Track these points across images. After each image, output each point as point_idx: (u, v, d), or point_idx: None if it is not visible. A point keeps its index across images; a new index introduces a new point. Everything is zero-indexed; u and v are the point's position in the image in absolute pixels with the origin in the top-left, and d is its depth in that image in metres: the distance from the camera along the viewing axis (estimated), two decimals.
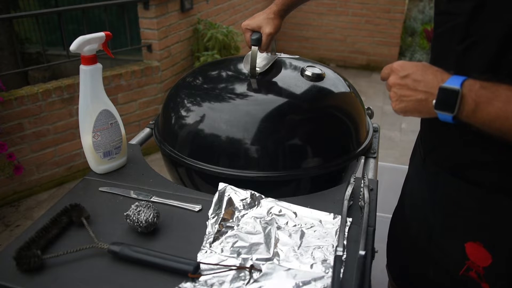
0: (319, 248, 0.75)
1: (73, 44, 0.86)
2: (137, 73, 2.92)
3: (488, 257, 0.77)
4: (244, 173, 1.03)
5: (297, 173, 1.01)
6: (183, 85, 1.10)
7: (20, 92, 2.45)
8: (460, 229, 0.81)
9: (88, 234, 0.76)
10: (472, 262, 0.79)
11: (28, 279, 0.69)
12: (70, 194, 0.90)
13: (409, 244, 0.95)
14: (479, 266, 0.79)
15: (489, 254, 0.77)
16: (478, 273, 0.79)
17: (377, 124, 1.24)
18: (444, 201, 0.83)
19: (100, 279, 0.69)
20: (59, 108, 2.61)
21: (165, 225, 0.81)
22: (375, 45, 4.75)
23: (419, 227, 0.91)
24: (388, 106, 3.97)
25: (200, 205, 0.86)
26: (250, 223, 0.81)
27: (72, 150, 2.78)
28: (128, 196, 0.89)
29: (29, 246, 0.72)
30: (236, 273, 0.70)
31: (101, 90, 0.93)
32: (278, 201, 0.86)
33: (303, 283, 0.68)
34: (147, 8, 2.90)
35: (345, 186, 0.89)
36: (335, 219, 0.82)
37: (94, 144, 0.94)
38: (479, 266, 0.79)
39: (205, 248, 0.75)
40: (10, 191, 2.58)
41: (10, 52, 4.19)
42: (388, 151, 3.08)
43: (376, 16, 4.66)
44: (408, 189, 1.00)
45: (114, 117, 0.95)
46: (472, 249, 0.79)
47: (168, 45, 3.10)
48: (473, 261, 0.79)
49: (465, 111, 0.64)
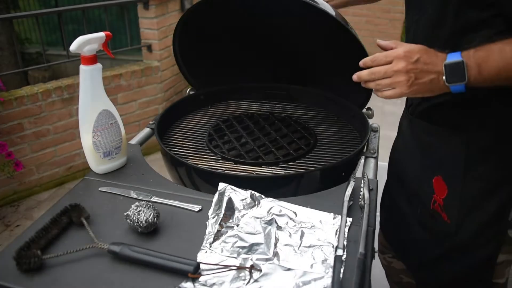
0: (319, 248, 0.75)
1: (73, 44, 0.86)
2: (137, 73, 2.92)
3: (445, 188, 0.93)
4: (244, 173, 1.03)
5: (297, 173, 1.02)
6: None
7: (20, 92, 2.45)
8: (430, 166, 0.97)
9: (88, 234, 0.76)
10: (436, 195, 0.95)
11: (28, 279, 0.68)
12: (70, 194, 0.90)
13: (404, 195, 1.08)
14: (440, 198, 0.94)
15: (446, 186, 0.92)
16: (440, 205, 0.95)
17: (377, 124, 1.24)
18: (419, 143, 1.00)
19: (100, 279, 0.69)
20: (59, 108, 2.61)
21: (165, 225, 0.81)
22: (375, 45, 4.74)
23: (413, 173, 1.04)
24: (388, 106, 3.97)
25: (200, 205, 0.86)
26: (250, 223, 0.81)
27: (72, 150, 2.78)
28: (128, 196, 0.89)
29: (29, 246, 0.72)
30: (236, 273, 0.70)
31: (101, 90, 0.93)
32: (278, 201, 0.86)
33: (303, 283, 0.68)
34: (147, 8, 2.89)
35: (345, 186, 0.89)
36: (335, 219, 0.82)
37: (94, 144, 0.94)
38: (440, 198, 0.94)
39: (205, 248, 0.75)
40: (10, 191, 2.58)
41: (10, 52, 4.20)
42: (388, 151, 3.07)
43: (376, 16, 4.66)
44: (400, 143, 1.15)
45: (114, 117, 0.95)
46: (437, 183, 0.95)
47: (168, 45, 3.10)
48: (437, 193, 0.95)
49: (472, 76, 0.75)
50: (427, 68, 0.77)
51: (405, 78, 0.78)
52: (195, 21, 1.21)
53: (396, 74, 0.78)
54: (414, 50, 0.78)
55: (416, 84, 0.78)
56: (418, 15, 0.92)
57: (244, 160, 1.07)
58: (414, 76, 0.77)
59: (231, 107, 1.41)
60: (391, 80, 0.79)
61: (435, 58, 0.77)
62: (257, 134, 1.22)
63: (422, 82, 0.78)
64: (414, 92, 0.79)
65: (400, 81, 0.78)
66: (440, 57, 0.77)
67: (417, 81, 0.77)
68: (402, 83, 0.78)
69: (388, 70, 0.79)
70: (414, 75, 0.77)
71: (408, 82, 0.78)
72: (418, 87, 0.78)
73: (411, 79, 0.77)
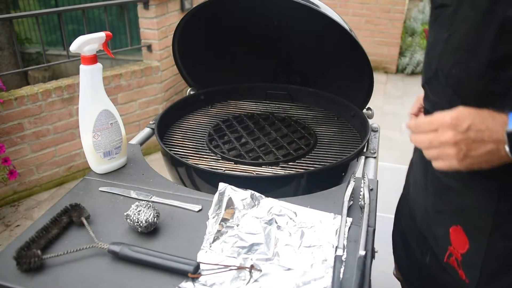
0: (319, 248, 0.75)
1: (73, 44, 0.86)
2: (137, 73, 2.92)
3: (466, 242, 0.77)
4: (244, 173, 1.03)
5: (297, 173, 1.02)
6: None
7: (20, 92, 2.45)
8: (447, 212, 0.81)
9: (88, 234, 0.76)
10: (453, 247, 0.80)
11: (28, 279, 0.68)
12: (70, 194, 0.90)
13: (414, 232, 0.94)
14: (458, 252, 0.79)
15: (467, 240, 0.77)
16: (457, 259, 0.79)
17: (377, 124, 1.24)
18: (434, 183, 0.84)
19: (100, 279, 0.69)
20: (59, 108, 2.61)
21: (165, 225, 0.81)
22: (375, 45, 4.74)
23: (421, 212, 0.90)
24: (388, 106, 3.97)
25: (200, 205, 0.86)
26: (250, 223, 0.81)
27: (72, 150, 2.78)
28: (128, 196, 0.89)
29: (29, 246, 0.72)
30: (236, 273, 0.70)
31: (101, 90, 0.93)
32: (278, 201, 0.86)
33: (303, 283, 0.68)
34: (147, 8, 2.90)
35: (345, 186, 0.89)
36: (335, 219, 0.82)
37: (94, 144, 0.94)
38: (458, 252, 0.79)
39: (205, 248, 0.75)
40: (10, 191, 2.58)
41: (10, 52, 4.20)
42: (388, 151, 3.08)
43: (376, 16, 4.66)
44: (411, 177, 1.00)
45: (114, 117, 0.95)
46: (455, 233, 0.79)
47: (168, 45, 3.10)
48: (454, 246, 0.79)
49: None
50: (482, 136, 0.62)
51: (454, 151, 0.63)
52: (195, 22, 1.21)
53: (443, 146, 0.65)
54: (464, 116, 0.63)
55: (470, 157, 0.63)
56: (448, 33, 0.73)
57: (244, 160, 1.07)
58: (466, 148, 0.63)
59: (231, 107, 1.41)
60: (438, 151, 0.66)
61: (491, 122, 0.62)
62: (257, 134, 1.22)
63: (477, 155, 0.63)
64: (468, 166, 0.64)
65: (449, 154, 0.64)
66: (498, 120, 0.61)
67: (470, 153, 0.63)
68: (451, 157, 0.64)
69: (434, 141, 0.65)
70: (466, 147, 0.63)
71: (458, 155, 0.63)
72: (472, 160, 0.63)
73: (461, 151, 0.63)
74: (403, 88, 4.36)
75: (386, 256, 1.09)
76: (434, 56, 0.75)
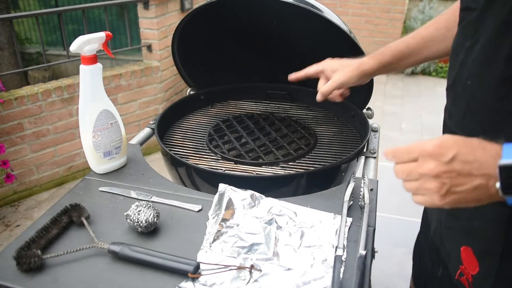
0: (319, 248, 0.75)
1: (73, 44, 0.86)
2: (137, 73, 2.92)
3: (476, 265, 0.72)
4: (244, 173, 1.03)
5: (297, 173, 1.02)
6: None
7: (20, 92, 2.46)
8: (457, 231, 0.77)
9: (88, 234, 0.76)
10: (465, 267, 0.75)
11: (28, 279, 0.68)
12: (70, 194, 0.90)
13: (428, 242, 0.91)
14: (469, 273, 0.74)
15: (477, 262, 0.72)
16: (468, 280, 0.75)
17: (377, 124, 1.24)
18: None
19: (100, 279, 0.69)
20: (59, 108, 2.61)
21: (165, 225, 0.81)
22: (375, 45, 4.74)
23: (435, 224, 0.87)
24: (388, 106, 3.97)
25: (200, 205, 0.86)
26: (250, 223, 0.81)
27: (72, 150, 2.78)
28: (128, 196, 0.89)
29: (29, 246, 0.72)
30: (236, 273, 0.70)
31: (101, 90, 0.93)
32: (278, 201, 0.86)
33: (303, 283, 0.68)
34: (147, 8, 2.90)
35: (345, 186, 0.89)
36: (335, 219, 0.82)
37: (94, 144, 0.94)
38: (469, 273, 0.74)
39: (205, 248, 0.75)
40: (10, 191, 2.58)
41: (10, 52, 4.20)
42: None
43: (376, 16, 4.67)
44: None
45: (114, 117, 0.95)
46: (466, 254, 0.74)
47: (168, 45, 3.10)
48: (465, 266, 0.74)
49: None
50: (470, 169, 0.53)
51: (435, 186, 0.55)
52: (194, 23, 1.21)
53: (423, 178, 0.56)
54: (448, 144, 0.55)
55: (454, 193, 0.55)
56: (470, 42, 0.66)
57: (244, 160, 1.07)
58: (450, 182, 0.54)
59: (231, 107, 1.41)
60: (418, 184, 0.57)
61: (481, 153, 0.53)
62: (257, 134, 1.22)
63: (462, 191, 0.54)
64: (452, 203, 0.56)
65: (429, 189, 0.56)
66: (489, 151, 0.53)
67: (454, 189, 0.54)
68: (432, 191, 0.56)
69: (413, 172, 0.57)
70: (450, 181, 0.54)
71: (440, 190, 0.55)
72: (457, 197, 0.55)
73: (444, 186, 0.54)
74: (403, 88, 4.36)
75: (386, 256, 1.08)
76: (455, 64, 0.69)
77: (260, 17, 1.25)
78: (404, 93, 4.27)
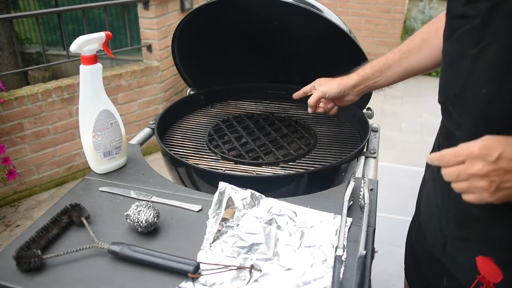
0: (319, 248, 0.75)
1: (73, 44, 0.86)
2: (137, 73, 2.92)
3: (499, 273, 0.72)
4: (244, 173, 1.03)
5: (297, 173, 1.02)
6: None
7: (20, 92, 2.46)
8: (471, 241, 0.76)
9: (88, 234, 0.76)
10: (483, 277, 0.74)
11: (28, 279, 0.68)
12: (70, 194, 0.90)
13: (425, 252, 0.90)
14: (490, 282, 0.74)
15: (500, 271, 0.72)
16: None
17: (377, 124, 1.24)
18: (456, 209, 0.77)
19: (100, 279, 0.69)
20: (59, 108, 2.61)
21: (165, 225, 0.81)
22: (375, 45, 4.75)
23: (434, 234, 0.85)
24: (388, 106, 3.98)
25: (200, 205, 0.86)
26: (250, 223, 0.81)
27: (72, 150, 2.78)
28: (128, 196, 0.89)
29: (29, 246, 0.72)
30: (236, 273, 0.70)
31: (101, 90, 0.93)
32: (278, 201, 0.86)
33: (303, 283, 0.68)
34: (147, 8, 2.90)
35: (345, 186, 0.89)
36: (335, 219, 0.82)
37: (94, 144, 0.94)
38: (490, 282, 0.74)
39: (205, 248, 0.75)
40: (10, 191, 2.58)
41: (10, 52, 4.20)
42: (388, 151, 3.08)
43: (376, 16, 4.67)
44: (424, 194, 0.94)
45: (114, 117, 0.95)
46: (483, 263, 0.74)
47: (168, 45, 3.10)
48: (484, 275, 0.74)
49: None
50: None
51: (485, 184, 0.59)
52: (194, 23, 1.21)
53: (472, 179, 0.60)
54: (492, 145, 0.58)
55: (503, 189, 0.59)
56: (477, 48, 0.65)
57: (244, 160, 1.07)
58: (498, 180, 0.58)
59: (231, 107, 1.41)
60: (467, 184, 0.61)
61: None
62: (257, 134, 1.22)
63: (511, 186, 0.58)
64: (502, 199, 0.60)
65: (479, 187, 0.60)
66: None
67: (503, 185, 0.58)
68: (482, 190, 0.60)
69: (461, 173, 0.61)
70: (498, 179, 0.58)
71: (490, 188, 0.59)
72: (506, 192, 0.59)
73: (493, 184, 0.58)
74: (403, 88, 4.36)
75: (386, 256, 1.09)
76: (460, 73, 0.68)
77: (260, 17, 1.25)
78: (404, 93, 4.27)
